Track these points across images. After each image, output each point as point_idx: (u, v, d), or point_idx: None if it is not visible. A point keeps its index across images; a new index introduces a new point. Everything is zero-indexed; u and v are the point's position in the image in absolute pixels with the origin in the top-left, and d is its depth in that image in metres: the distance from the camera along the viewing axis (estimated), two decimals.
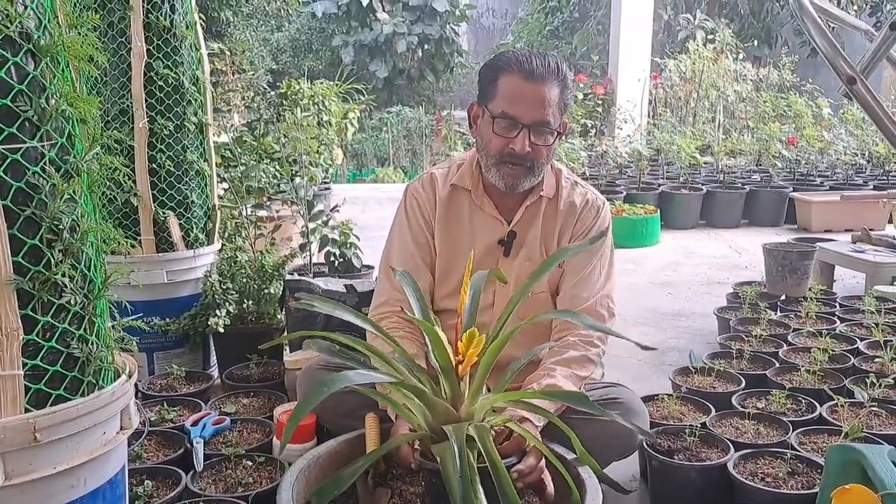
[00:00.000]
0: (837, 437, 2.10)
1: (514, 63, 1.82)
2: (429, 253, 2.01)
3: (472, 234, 2.00)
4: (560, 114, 1.85)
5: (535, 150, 1.84)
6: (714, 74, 9.03)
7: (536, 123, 1.81)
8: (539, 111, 1.80)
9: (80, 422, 1.29)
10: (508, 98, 1.81)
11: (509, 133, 1.82)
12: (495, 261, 1.98)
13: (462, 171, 2.01)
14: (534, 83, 1.80)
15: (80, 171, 1.35)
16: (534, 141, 1.83)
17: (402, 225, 2.04)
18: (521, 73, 1.80)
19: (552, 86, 1.81)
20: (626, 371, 3.02)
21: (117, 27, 2.60)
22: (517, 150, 1.82)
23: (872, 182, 7.24)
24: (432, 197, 2.01)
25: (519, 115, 1.80)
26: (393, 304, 1.95)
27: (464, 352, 1.36)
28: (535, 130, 1.82)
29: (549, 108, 1.81)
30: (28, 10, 1.24)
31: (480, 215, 2.00)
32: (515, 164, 1.85)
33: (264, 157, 3.67)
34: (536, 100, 1.80)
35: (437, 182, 2.03)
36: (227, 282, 2.82)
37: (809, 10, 1.56)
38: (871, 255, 3.86)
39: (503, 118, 1.82)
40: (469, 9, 16.24)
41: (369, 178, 11.10)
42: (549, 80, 1.81)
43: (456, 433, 1.28)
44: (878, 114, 1.55)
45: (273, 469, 2.01)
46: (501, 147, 1.84)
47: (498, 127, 1.83)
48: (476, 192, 1.99)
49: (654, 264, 5.24)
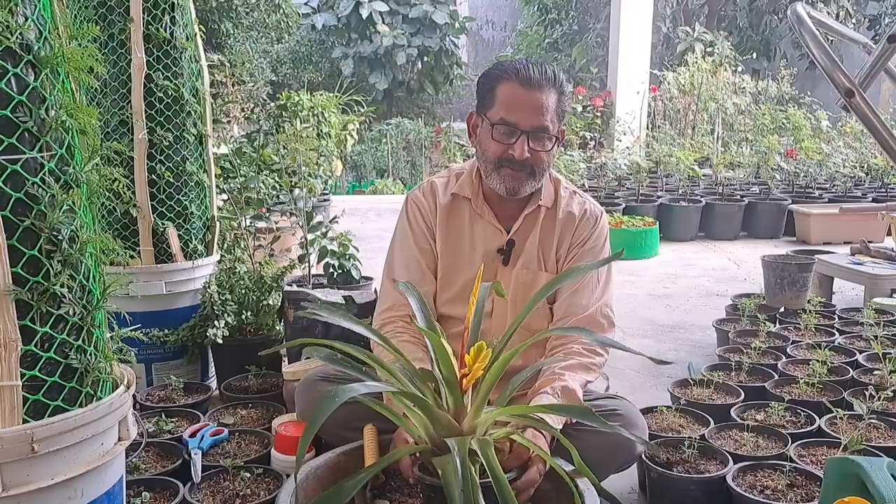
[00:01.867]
0: (836, 450, 2.09)
1: (511, 71, 1.85)
2: (432, 259, 2.03)
3: (472, 242, 2.02)
4: (558, 120, 1.88)
5: (534, 156, 1.87)
6: (713, 87, 9.06)
7: (535, 129, 1.84)
8: (537, 117, 1.83)
9: (77, 433, 1.29)
10: (507, 105, 1.84)
11: (508, 139, 1.85)
12: (494, 269, 2.00)
13: (462, 181, 2.04)
14: (531, 90, 1.83)
15: (79, 181, 1.35)
16: (533, 147, 1.85)
17: (404, 231, 2.06)
18: (519, 80, 1.83)
19: (549, 93, 1.84)
20: (624, 382, 3.02)
21: (118, 38, 2.61)
22: (517, 155, 1.85)
23: (871, 194, 7.25)
24: (433, 204, 2.04)
25: (517, 121, 1.83)
26: (398, 308, 1.96)
27: (470, 365, 1.36)
28: (533, 136, 1.85)
29: (547, 114, 1.84)
30: (29, 21, 1.25)
31: (480, 223, 2.02)
32: (515, 168, 1.88)
33: (264, 169, 3.68)
34: (534, 106, 1.83)
35: (437, 190, 2.05)
36: (225, 293, 2.82)
37: (808, 23, 1.57)
38: (870, 268, 3.86)
39: (502, 124, 1.85)
40: (469, 21, 16.31)
41: (368, 189, 11.11)
42: (547, 87, 1.84)
43: (459, 447, 1.27)
44: (877, 126, 1.56)
45: (271, 481, 2.00)
46: (501, 152, 1.87)
47: (497, 133, 1.86)
48: (476, 200, 2.02)
49: (653, 276, 5.24)
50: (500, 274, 1.99)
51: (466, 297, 1.93)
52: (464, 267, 2.01)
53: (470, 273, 1.98)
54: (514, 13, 18.25)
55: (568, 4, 14.76)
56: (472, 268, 1.98)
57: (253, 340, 2.86)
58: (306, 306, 1.61)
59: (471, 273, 1.97)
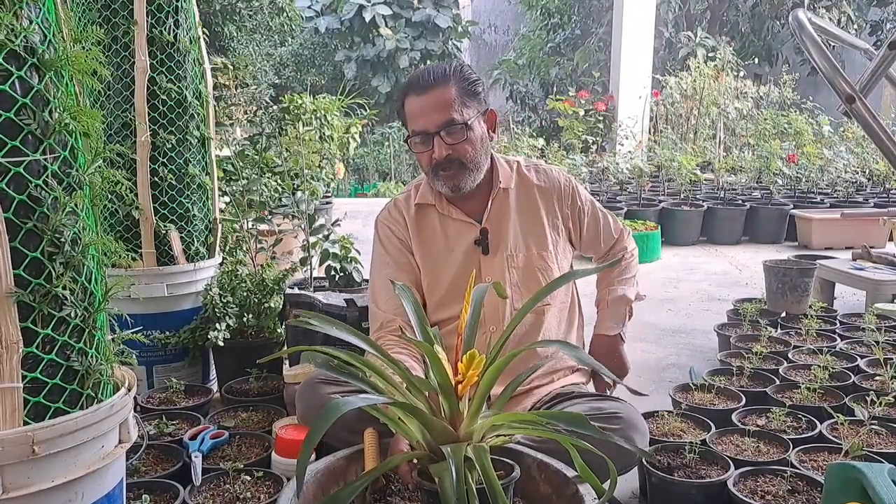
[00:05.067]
0: (838, 456, 2.09)
1: (407, 85, 1.97)
2: (412, 271, 2.09)
3: (447, 243, 2.08)
4: (465, 107, 1.93)
5: (456, 149, 1.93)
6: (715, 92, 9.06)
7: (440, 126, 1.91)
8: (438, 115, 1.90)
9: (78, 435, 1.29)
10: (412, 117, 1.95)
11: (426, 146, 1.94)
12: (476, 262, 2.05)
13: (422, 190, 2.12)
14: (425, 94, 1.91)
15: (82, 184, 1.36)
16: (450, 142, 1.92)
17: (380, 255, 2.13)
18: (413, 90, 1.94)
19: (443, 88, 1.91)
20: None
21: (121, 41, 2.62)
22: (437, 156, 1.93)
23: (873, 200, 7.24)
24: (402, 220, 2.12)
25: (423, 127, 1.92)
26: (387, 326, 1.99)
27: (464, 373, 1.36)
28: (445, 132, 1.91)
29: (448, 108, 1.91)
30: (33, 24, 1.25)
31: (451, 223, 2.09)
32: (445, 168, 1.95)
33: (266, 171, 3.68)
34: (431, 107, 1.91)
35: (401, 206, 2.14)
36: (227, 295, 2.82)
37: (809, 28, 1.57)
38: (872, 273, 3.86)
39: (415, 135, 1.95)
40: (471, 25, 16.34)
41: (371, 192, 11.12)
42: (439, 84, 1.91)
43: (454, 454, 1.27)
44: (878, 132, 1.56)
45: (271, 484, 2.00)
46: (427, 160, 1.96)
47: (415, 145, 1.97)
48: (440, 203, 2.09)
49: (655, 280, 5.24)
50: (483, 264, 2.05)
51: (455, 296, 1.97)
52: (446, 269, 2.07)
53: (452, 272, 2.04)
54: (516, 17, 18.25)
55: (570, 9, 14.75)
56: (453, 269, 2.05)
57: (254, 343, 2.87)
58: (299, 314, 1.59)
59: (453, 272, 2.04)
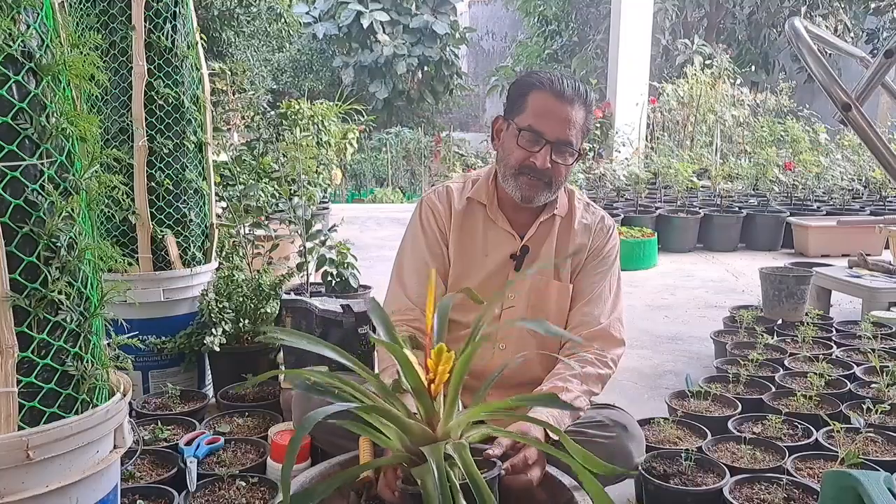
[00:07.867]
0: (833, 463, 2.09)
1: (545, 81, 1.87)
2: (442, 263, 2.03)
3: (484, 248, 2.03)
4: (581, 137, 1.91)
5: (554, 168, 1.88)
6: (711, 99, 9.09)
7: (560, 142, 1.86)
8: (564, 130, 1.85)
9: (73, 440, 1.28)
10: (537, 113, 1.86)
11: (532, 147, 1.87)
12: (505, 275, 2.01)
13: (478, 186, 2.05)
14: (562, 102, 1.85)
15: (78, 188, 1.35)
16: (555, 159, 1.87)
17: (415, 234, 2.06)
18: (552, 91, 1.85)
19: (578, 108, 1.87)
20: (622, 394, 3.01)
21: (119, 46, 2.62)
22: (538, 164, 1.87)
23: (869, 207, 7.26)
24: (448, 209, 2.05)
25: (544, 130, 1.85)
26: (403, 313, 1.95)
27: (433, 369, 1.36)
28: (557, 148, 1.86)
29: (574, 129, 1.86)
30: (31, 29, 1.25)
31: (494, 230, 2.03)
32: (534, 177, 1.89)
33: (263, 177, 3.68)
34: (563, 119, 1.85)
35: (453, 195, 2.06)
36: (223, 301, 2.82)
37: (805, 37, 1.58)
38: (868, 281, 3.87)
39: (529, 131, 1.86)
40: (469, 32, 16.38)
41: (368, 198, 11.13)
42: (577, 102, 1.86)
43: (434, 453, 1.27)
44: (873, 140, 1.56)
45: (267, 490, 2.00)
46: (523, 159, 1.88)
47: (523, 140, 1.87)
48: (491, 206, 2.03)
49: (652, 287, 5.24)
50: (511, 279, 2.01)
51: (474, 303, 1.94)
52: (474, 273, 2.02)
53: (480, 279, 1.99)
54: (514, 24, 18.31)
55: (568, 16, 14.81)
56: (482, 274, 2.00)
57: (250, 349, 2.86)
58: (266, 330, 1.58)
59: (481, 279, 1.99)
